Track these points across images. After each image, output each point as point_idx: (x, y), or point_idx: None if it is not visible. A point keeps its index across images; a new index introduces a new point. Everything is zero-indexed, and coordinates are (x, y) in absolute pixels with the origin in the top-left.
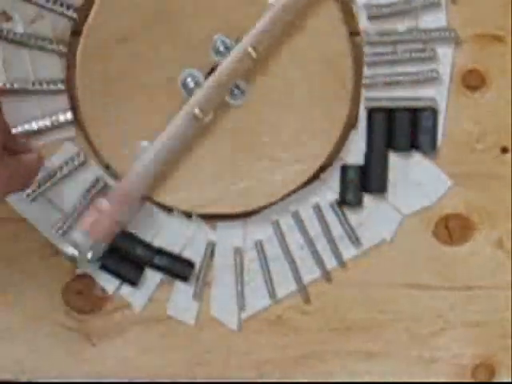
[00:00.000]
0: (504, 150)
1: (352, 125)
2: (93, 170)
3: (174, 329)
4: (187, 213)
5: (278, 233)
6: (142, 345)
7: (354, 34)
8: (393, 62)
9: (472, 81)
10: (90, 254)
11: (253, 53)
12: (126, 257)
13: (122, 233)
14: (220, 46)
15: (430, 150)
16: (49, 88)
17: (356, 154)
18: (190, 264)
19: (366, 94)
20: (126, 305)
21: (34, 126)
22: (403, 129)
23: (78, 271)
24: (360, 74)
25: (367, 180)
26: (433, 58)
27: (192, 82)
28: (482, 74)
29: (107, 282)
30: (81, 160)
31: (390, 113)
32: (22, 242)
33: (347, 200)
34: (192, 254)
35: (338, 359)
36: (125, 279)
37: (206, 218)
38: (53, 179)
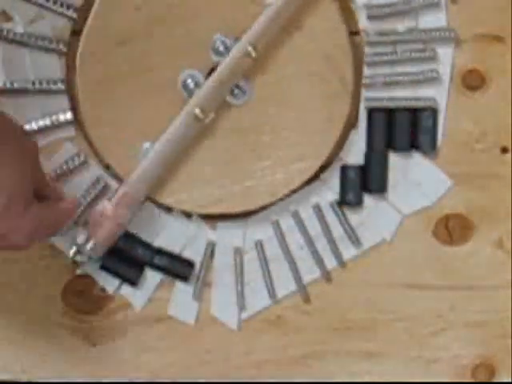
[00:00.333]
0: (504, 149)
1: (352, 125)
2: (93, 170)
3: (174, 329)
4: (187, 213)
5: (278, 233)
6: (141, 345)
7: (354, 33)
8: (393, 62)
9: (472, 81)
10: (91, 256)
11: (252, 52)
12: (126, 257)
13: (122, 233)
14: (219, 45)
15: (430, 150)
16: (49, 88)
17: (356, 154)
18: (190, 264)
19: (366, 93)
20: (126, 305)
21: (33, 125)
22: (403, 129)
23: (78, 271)
24: (360, 74)
25: (367, 180)
26: (433, 58)
27: (192, 83)
28: (482, 73)
29: (107, 282)
30: (81, 160)
31: (390, 113)
32: None
33: (347, 200)
34: (192, 253)
35: (338, 359)
36: (125, 279)
37: (205, 217)
38: None
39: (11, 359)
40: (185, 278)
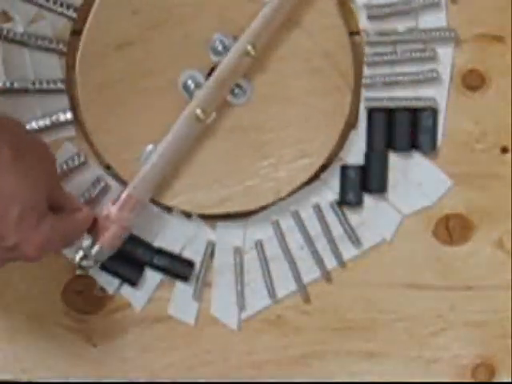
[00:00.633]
0: (504, 149)
1: (352, 125)
2: (93, 170)
3: (174, 329)
4: (187, 213)
5: (278, 233)
6: (141, 345)
7: (354, 33)
8: (393, 62)
9: (472, 81)
10: (97, 260)
11: (251, 50)
12: (126, 257)
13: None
14: (218, 45)
15: (430, 150)
16: (49, 87)
17: (356, 154)
18: (190, 264)
19: (366, 93)
20: (126, 305)
21: (34, 125)
22: (403, 129)
23: (78, 271)
24: (360, 74)
25: (367, 180)
26: (433, 58)
27: (193, 84)
28: (482, 73)
29: (107, 282)
30: (81, 160)
31: (390, 113)
32: None
33: (347, 200)
34: (192, 253)
35: (338, 359)
36: (125, 279)
37: (205, 217)
38: None
39: (11, 359)
40: (185, 278)
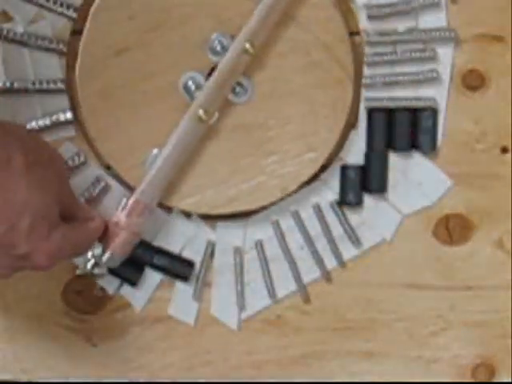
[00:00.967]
0: (504, 149)
1: (352, 125)
2: (93, 170)
3: (174, 329)
4: (187, 212)
5: (278, 233)
6: (141, 345)
7: (354, 33)
8: (393, 62)
9: (472, 81)
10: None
11: (250, 48)
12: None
13: None
14: (217, 45)
15: (430, 150)
16: (49, 87)
17: (356, 154)
18: (190, 264)
19: (365, 93)
20: (126, 305)
21: (34, 125)
22: (403, 129)
23: (78, 271)
24: (360, 74)
25: (367, 180)
26: (433, 58)
27: (193, 85)
28: (482, 73)
29: (107, 282)
30: (81, 160)
31: (390, 113)
32: None
33: (347, 200)
34: (192, 253)
35: (338, 359)
36: (125, 279)
37: (205, 217)
38: None
39: (11, 359)
40: (185, 278)
